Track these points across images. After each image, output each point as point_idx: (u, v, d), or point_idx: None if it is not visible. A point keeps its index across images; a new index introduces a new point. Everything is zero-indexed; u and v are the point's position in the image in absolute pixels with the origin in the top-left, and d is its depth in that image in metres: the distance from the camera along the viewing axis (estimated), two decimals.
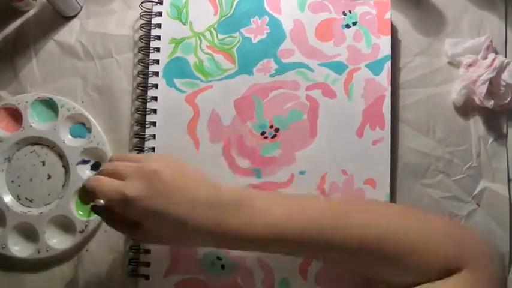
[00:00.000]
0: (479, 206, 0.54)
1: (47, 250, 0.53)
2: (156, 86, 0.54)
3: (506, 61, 0.53)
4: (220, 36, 0.55)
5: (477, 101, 0.53)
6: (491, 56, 0.53)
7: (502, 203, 0.54)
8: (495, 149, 0.54)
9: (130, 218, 0.44)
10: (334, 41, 0.54)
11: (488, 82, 0.52)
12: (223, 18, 0.55)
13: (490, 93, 0.52)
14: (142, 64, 0.55)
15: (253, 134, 0.53)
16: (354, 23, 0.54)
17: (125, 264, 0.54)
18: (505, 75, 0.52)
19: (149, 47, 0.55)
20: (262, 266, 0.52)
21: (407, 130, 0.55)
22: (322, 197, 0.51)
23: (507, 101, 0.53)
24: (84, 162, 0.55)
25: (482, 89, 0.52)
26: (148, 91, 0.54)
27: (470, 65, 0.53)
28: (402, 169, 0.54)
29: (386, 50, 0.54)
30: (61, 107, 0.55)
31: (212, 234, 0.42)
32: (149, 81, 0.54)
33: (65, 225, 0.54)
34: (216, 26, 0.55)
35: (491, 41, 0.54)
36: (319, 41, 0.54)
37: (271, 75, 0.54)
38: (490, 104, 0.52)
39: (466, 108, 0.55)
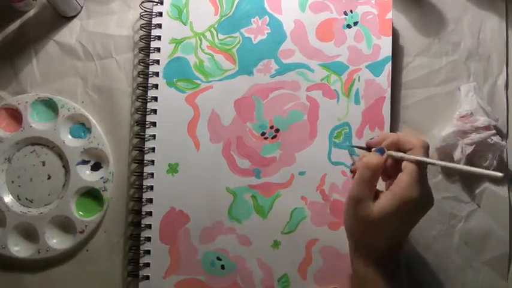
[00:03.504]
0: (479, 206, 0.54)
1: (47, 250, 0.53)
2: (156, 86, 0.54)
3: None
4: (221, 36, 0.55)
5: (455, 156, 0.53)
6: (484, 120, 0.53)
7: (502, 203, 0.54)
8: None
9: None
10: (335, 41, 0.54)
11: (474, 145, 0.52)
12: (223, 18, 0.55)
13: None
14: (142, 64, 0.55)
15: (253, 135, 0.53)
16: (355, 23, 0.54)
17: (124, 264, 0.54)
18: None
19: (149, 47, 0.54)
20: (262, 266, 0.52)
21: (407, 130, 0.55)
22: None
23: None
24: (84, 162, 0.55)
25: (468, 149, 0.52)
26: (149, 91, 0.54)
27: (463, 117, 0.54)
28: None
29: (387, 51, 0.54)
30: (61, 107, 0.55)
31: None
32: (149, 81, 0.54)
33: (65, 225, 0.54)
34: (216, 26, 0.55)
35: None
36: (320, 41, 0.54)
37: (272, 76, 0.54)
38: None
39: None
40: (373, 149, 0.47)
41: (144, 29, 0.55)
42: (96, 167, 0.55)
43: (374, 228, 0.44)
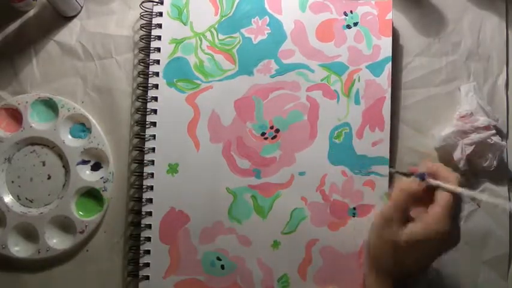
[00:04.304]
0: (479, 206, 0.54)
1: (47, 250, 0.53)
2: (156, 86, 0.54)
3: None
4: (221, 37, 0.55)
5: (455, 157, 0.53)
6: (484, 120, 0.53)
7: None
8: None
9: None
10: (335, 41, 0.54)
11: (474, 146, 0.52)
12: (223, 19, 0.55)
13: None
14: (142, 64, 0.55)
15: (253, 135, 0.53)
16: (355, 24, 0.54)
17: (124, 264, 0.54)
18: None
19: (149, 47, 0.54)
20: (262, 266, 0.52)
21: (407, 130, 0.55)
22: None
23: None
24: (84, 162, 0.55)
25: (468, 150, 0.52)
26: (149, 91, 0.54)
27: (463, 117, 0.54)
28: (402, 170, 0.54)
29: (387, 51, 0.54)
30: (61, 107, 0.55)
31: None
32: (149, 82, 0.54)
33: (65, 225, 0.54)
34: (216, 26, 0.55)
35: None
36: (320, 41, 0.54)
37: (272, 76, 0.54)
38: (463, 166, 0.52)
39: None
40: (414, 174, 0.47)
41: (144, 29, 0.55)
42: (96, 167, 0.55)
43: (399, 253, 0.44)
